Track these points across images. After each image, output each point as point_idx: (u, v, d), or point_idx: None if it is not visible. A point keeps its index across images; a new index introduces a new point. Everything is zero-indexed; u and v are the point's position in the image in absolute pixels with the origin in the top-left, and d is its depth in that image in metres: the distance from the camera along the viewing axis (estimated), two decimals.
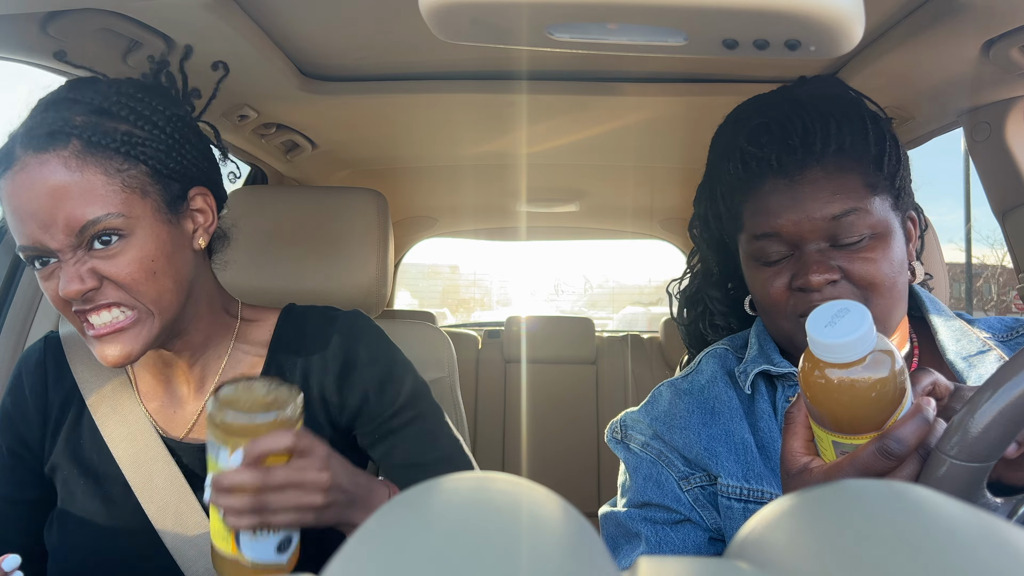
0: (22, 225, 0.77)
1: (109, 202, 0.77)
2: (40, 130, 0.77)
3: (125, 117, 0.81)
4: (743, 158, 0.83)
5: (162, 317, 0.82)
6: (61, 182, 0.76)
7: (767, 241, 0.81)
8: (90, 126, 0.78)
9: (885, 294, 0.78)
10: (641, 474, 0.88)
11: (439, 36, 0.62)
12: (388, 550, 0.22)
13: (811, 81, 0.89)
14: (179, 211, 0.86)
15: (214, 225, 0.90)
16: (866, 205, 0.78)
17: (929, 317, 0.87)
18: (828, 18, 0.53)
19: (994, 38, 0.99)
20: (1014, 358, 0.55)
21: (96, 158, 0.78)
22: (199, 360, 0.93)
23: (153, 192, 0.82)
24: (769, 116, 0.83)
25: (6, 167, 0.77)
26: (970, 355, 0.83)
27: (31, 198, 0.76)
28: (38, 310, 1.26)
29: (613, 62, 1.26)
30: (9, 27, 0.92)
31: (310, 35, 1.12)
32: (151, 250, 0.80)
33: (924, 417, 0.57)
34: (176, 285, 0.83)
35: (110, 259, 0.78)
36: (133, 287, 0.79)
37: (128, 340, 0.80)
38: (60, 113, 0.79)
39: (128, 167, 0.80)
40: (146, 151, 0.81)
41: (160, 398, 0.93)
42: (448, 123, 1.55)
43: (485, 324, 3.56)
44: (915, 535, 0.23)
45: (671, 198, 2.41)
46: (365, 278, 1.25)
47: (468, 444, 1.29)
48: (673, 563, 0.24)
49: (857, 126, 0.80)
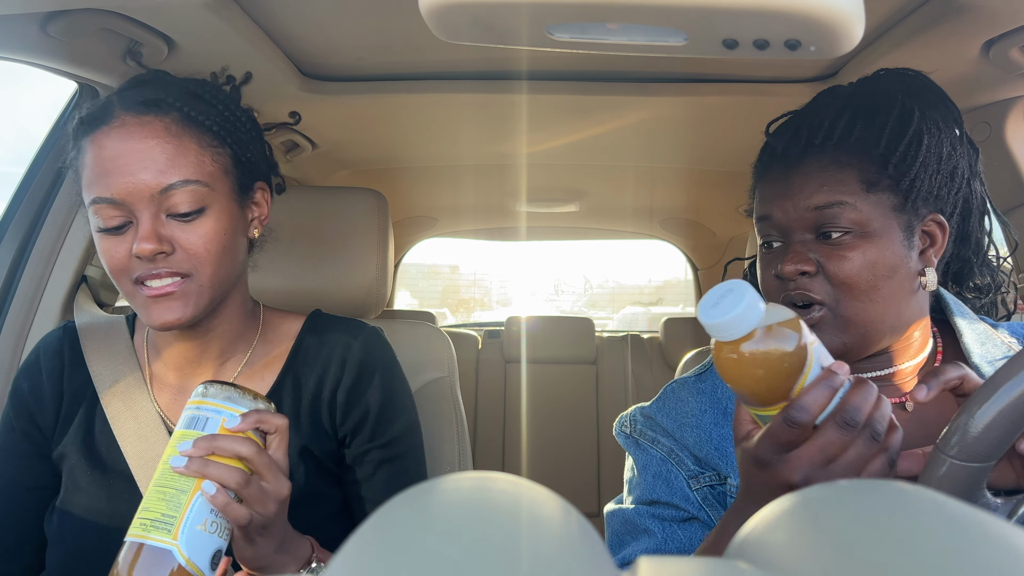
0: (108, 177, 0.79)
1: (198, 170, 0.82)
2: (140, 96, 0.82)
3: (213, 104, 0.87)
4: (763, 147, 0.88)
5: (213, 292, 0.85)
6: (159, 143, 0.81)
7: (763, 224, 0.84)
8: (187, 102, 0.84)
9: (860, 296, 0.77)
10: (651, 471, 0.88)
11: (439, 36, 0.62)
12: (388, 550, 0.22)
13: (888, 73, 0.88)
14: (246, 199, 0.91)
15: (267, 220, 0.96)
16: (856, 201, 0.77)
17: (953, 320, 0.86)
18: (828, 18, 0.53)
19: (994, 38, 0.99)
20: (1014, 358, 0.55)
21: (193, 131, 0.83)
22: (225, 355, 0.94)
23: (232, 174, 0.88)
24: (802, 109, 0.86)
25: (102, 122, 0.81)
26: (995, 359, 0.82)
27: (126, 152, 0.80)
28: (38, 310, 1.26)
29: (613, 62, 1.26)
30: (9, 27, 0.92)
31: (310, 35, 1.12)
32: (224, 225, 0.85)
33: (828, 384, 0.59)
34: (233, 266, 0.88)
35: (187, 226, 0.82)
36: (202, 257, 0.82)
37: (180, 306, 0.82)
38: (159, 87, 0.85)
39: (217, 145, 0.86)
40: (231, 135, 0.87)
41: (172, 391, 0.94)
42: (448, 123, 1.55)
43: (485, 324, 3.55)
44: (915, 535, 0.23)
45: (671, 198, 2.41)
46: (365, 278, 1.25)
47: (468, 444, 1.30)
48: (673, 563, 0.24)
49: (873, 123, 0.79)
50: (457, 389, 1.32)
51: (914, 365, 0.85)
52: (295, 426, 0.93)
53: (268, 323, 1.00)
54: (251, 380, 0.95)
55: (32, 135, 1.46)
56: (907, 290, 0.80)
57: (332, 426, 0.95)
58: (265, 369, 0.96)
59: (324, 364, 0.95)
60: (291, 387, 0.95)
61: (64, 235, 1.27)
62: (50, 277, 1.26)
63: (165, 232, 0.80)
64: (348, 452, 0.95)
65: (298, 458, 0.92)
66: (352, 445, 0.95)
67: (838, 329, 0.79)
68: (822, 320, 0.79)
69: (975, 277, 0.91)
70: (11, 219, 1.25)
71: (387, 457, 0.95)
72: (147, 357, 0.96)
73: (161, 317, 0.82)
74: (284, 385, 0.94)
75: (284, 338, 0.99)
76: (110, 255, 0.81)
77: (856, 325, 0.78)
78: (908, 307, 0.81)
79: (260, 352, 0.97)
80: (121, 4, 0.90)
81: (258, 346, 0.97)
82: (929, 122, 0.81)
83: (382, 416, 0.95)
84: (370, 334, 1.00)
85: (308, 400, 0.94)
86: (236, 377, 0.95)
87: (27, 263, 1.25)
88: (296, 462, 0.91)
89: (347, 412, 0.94)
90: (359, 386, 0.95)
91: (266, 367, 0.96)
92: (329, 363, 0.95)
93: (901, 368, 0.84)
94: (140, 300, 0.83)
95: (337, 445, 0.95)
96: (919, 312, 0.83)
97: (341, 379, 0.95)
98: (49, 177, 1.26)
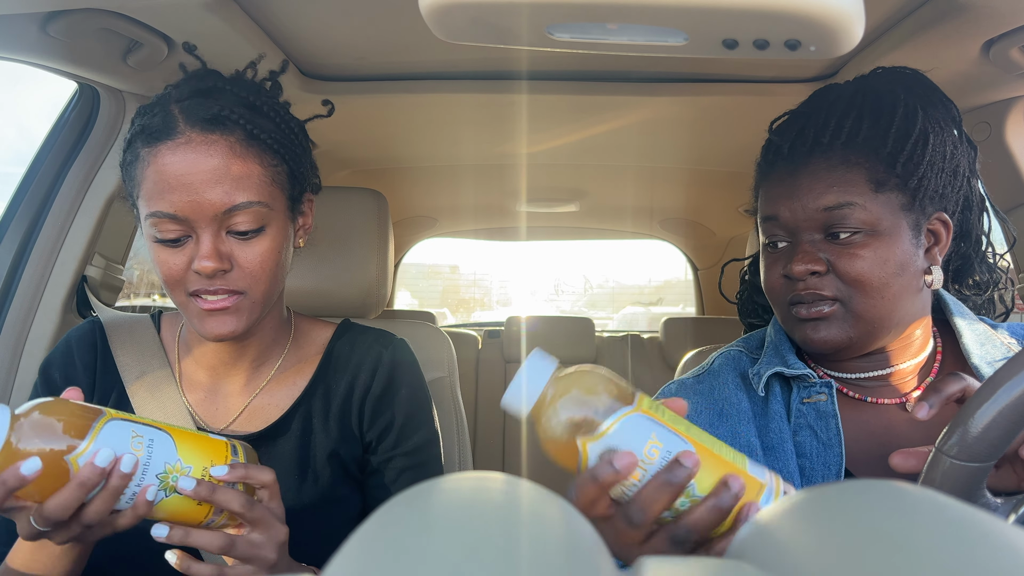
0: (172, 193, 0.79)
1: (260, 191, 0.83)
2: (204, 112, 0.81)
3: (272, 117, 0.87)
4: (766, 146, 0.88)
5: (264, 306, 0.87)
6: (225, 164, 0.80)
7: (769, 224, 0.84)
8: (250, 119, 0.83)
9: (873, 294, 0.78)
10: None
11: (439, 36, 0.62)
12: (388, 550, 0.22)
13: (886, 72, 0.88)
14: (296, 212, 0.91)
15: (311, 228, 0.96)
16: (865, 201, 0.78)
17: (953, 320, 0.87)
18: (828, 18, 0.53)
19: (994, 38, 0.99)
20: (1014, 358, 0.55)
21: (255, 150, 0.83)
22: (260, 359, 0.95)
23: (287, 190, 0.88)
24: (803, 107, 0.86)
25: (167, 136, 0.80)
26: (995, 360, 0.82)
27: (193, 171, 0.79)
28: (38, 310, 1.26)
29: (613, 62, 1.26)
30: (9, 27, 0.92)
31: (310, 35, 1.12)
32: (279, 243, 0.86)
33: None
34: (282, 279, 0.89)
35: (247, 244, 0.82)
36: (257, 275, 0.83)
37: (234, 320, 0.84)
38: (220, 100, 0.83)
39: (277, 163, 0.86)
40: (289, 152, 0.87)
41: (203, 390, 0.95)
42: (448, 123, 1.55)
43: (485, 324, 3.55)
44: (915, 535, 0.23)
45: (671, 198, 2.41)
46: (365, 278, 1.25)
47: (469, 444, 1.30)
48: (673, 563, 0.24)
49: (879, 122, 0.80)
50: (457, 389, 1.33)
51: (914, 365, 0.85)
52: (324, 431, 0.94)
53: (299, 329, 1.01)
54: (283, 385, 0.96)
55: (32, 135, 1.46)
56: (913, 288, 0.80)
57: (360, 431, 0.96)
58: (297, 375, 0.97)
59: (354, 371, 0.97)
60: (322, 392, 0.96)
61: (64, 235, 1.27)
62: (50, 277, 1.26)
63: (225, 249, 0.81)
64: (373, 458, 0.96)
65: (326, 461, 0.93)
66: (378, 451, 0.96)
67: (848, 323, 0.80)
68: (833, 315, 0.80)
69: (975, 274, 0.92)
70: (11, 219, 1.25)
71: (409, 465, 0.96)
72: (177, 354, 0.97)
73: (215, 330, 0.83)
74: (315, 391, 0.96)
75: (315, 345, 1.00)
76: (167, 266, 0.82)
77: (865, 321, 0.79)
78: (913, 305, 0.82)
79: (292, 358, 0.98)
80: (121, 4, 0.90)
81: (290, 352, 0.98)
82: (932, 121, 0.81)
83: (407, 425, 0.97)
84: (399, 345, 1.02)
85: (338, 405, 0.95)
86: (268, 382, 0.96)
87: (27, 263, 1.25)
88: (323, 465, 0.92)
89: (374, 419, 0.96)
90: (387, 395, 0.96)
91: (298, 372, 0.97)
92: (359, 370, 0.97)
93: (901, 368, 0.84)
94: (194, 311, 0.83)
95: (363, 450, 0.96)
96: (921, 311, 0.84)
97: (371, 387, 0.96)
98: (49, 177, 1.26)
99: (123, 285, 1.43)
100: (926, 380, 0.85)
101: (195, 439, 0.71)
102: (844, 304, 0.79)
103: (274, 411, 0.94)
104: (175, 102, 0.83)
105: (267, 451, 0.92)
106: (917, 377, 0.85)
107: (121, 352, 0.95)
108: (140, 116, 0.84)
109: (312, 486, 0.91)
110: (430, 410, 1.02)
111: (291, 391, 0.95)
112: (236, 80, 0.89)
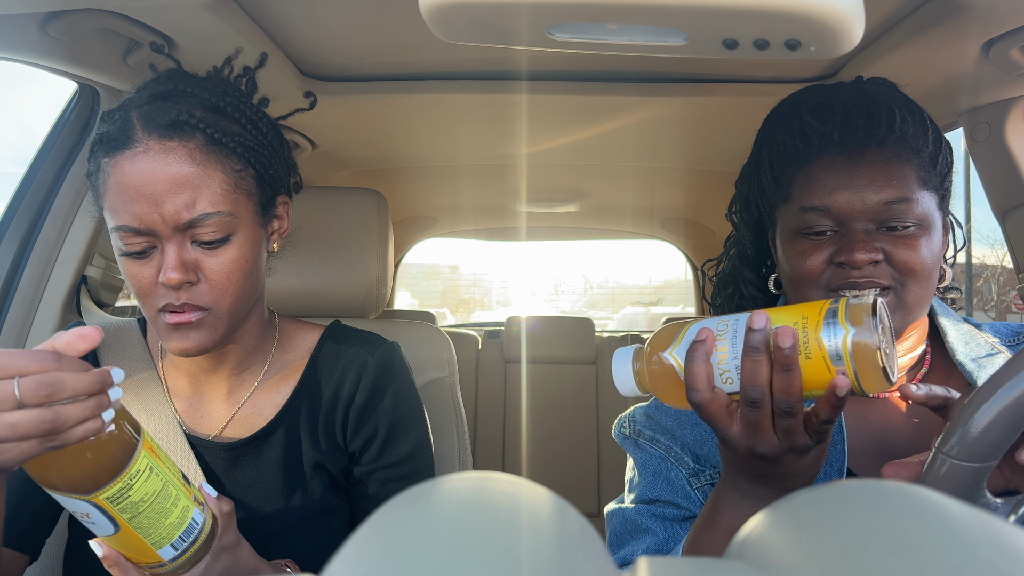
0: (133, 204, 0.77)
1: (224, 200, 0.80)
2: (163, 118, 0.78)
3: (237, 119, 0.84)
4: (803, 130, 0.84)
5: (231, 321, 0.84)
6: (185, 173, 0.78)
7: (815, 215, 0.81)
8: (211, 122, 0.80)
9: (922, 282, 0.79)
10: (650, 470, 0.88)
11: (439, 36, 0.62)
12: (388, 550, 0.22)
13: (871, 80, 0.89)
14: (268, 216, 0.89)
15: (287, 232, 0.94)
16: (917, 197, 0.79)
17: (938, 319, 0.88)
18: (828, 18, 0.53)
19: (994, 38, 0.99)
20: (1014, 358, 0.55)
21: (217, 156, 0.80)
22: (241, 367, 0.94)
23: (256, 195, 0.85)
24: (834, 98, 0.84)
25: (124, 146, 0.78)
26: (979, 356, 0.84)
27: (152, 182, 0.77)
28: (38, 310, 1.26)
29: (613, 62, 1.26)
30: (9, 27, 0.92)
31: (310, 35, 1.12)
32: (247, 251, 0.83)
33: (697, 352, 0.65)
34: (253, 288, 0.86)
35: (213, 254, 0.80)
36: (224, 286, 0.81)
37: (198, 335, 0.82)
38: (180, 104, 0.80)
39: (241, 168, 0.83)
40: (255, 156, 0.84)
41: (188, 398, 0.94)
42: (448, 123, 1.55)
43: (485, 324, 3.55)
44: (915, 535, 0.23)
45: (671, 198, 2.41)
46: (365, 278, 1.25)
47: (469, 444, 1.30)
48: (673, 563, 0.24)
49: (919, 121, 0.82)
50: (457, 389, 1.33)
51: (910, 359, 0.86)
52: (311, 440, 0.92)
53: (285, 333, 0.99)
54: (268, 392, 0.95)
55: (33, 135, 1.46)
56: (935, 282, 0.83)
57: (344, 442, 0.94)
58: (282, 382, 0.95)
59: (339, 379, 0.95)
60: (307, 400, 0.94)
61: (64, 235, 1.27)
62: (50, 277, 1.26)
63: (190, 259, 0.80)
64: (356, 469, 0.95)
65: (313, 471, 0.91)
66: (361, 462, 0.95)
67: (897, 313, 0.80)
68: (887, 304, 0.80)
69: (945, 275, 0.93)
70: (11, 219, 1.25)
71: (393, 477, 0.95)
72: (162, 361, 0.96)
73: (180, 344, 0.82)
74: (300, 399, 0.94)
75: (301, 350, 0.98)
76: (136, 279, 0.81)
77: (910, 310, 0.80)
78: (932, 298, 0.85)
79: (277, 364, 0.96)
80: (121, 4, 0.90)
81: (275, 358, 0.96)
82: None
83: (390, 437, 0.95)
84: (386, 351, 0.99)
85: (323, 414, 0.94)
86: (253, 391, 0.94)
87: (27, 263, 1.25)
88: (311, 474, 0.91)
89: (357, 430, 0.94)
90: (370, 405, 0.94)
91: (283, 380, 0.95)
92: (344, 379, 0.95)
93: (901, 361, 0.85)
94: (161, 325, 0.82)
95: (347, 460, 0.95)
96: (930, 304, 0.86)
97: (354, 397, 0.94)
98: (49, 177, 1.26)
99: (123, 285, 1.43)
100: (916, 376, 0.86)
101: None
102: (896, 294, 0.80)
103: (259, 419, 0.93)
104: (135, 107, 0.81)
105: (252, 459, 0.91)
106: (908, 375, 0.87)
107: (107, 358, 0.94)
108: (102, 122, 0.82)
109: (300, 495, 0.90)
110: (418, 417, 1.00)
111: (276, 399, 0.94)
112: (200, 81, 0.86)
